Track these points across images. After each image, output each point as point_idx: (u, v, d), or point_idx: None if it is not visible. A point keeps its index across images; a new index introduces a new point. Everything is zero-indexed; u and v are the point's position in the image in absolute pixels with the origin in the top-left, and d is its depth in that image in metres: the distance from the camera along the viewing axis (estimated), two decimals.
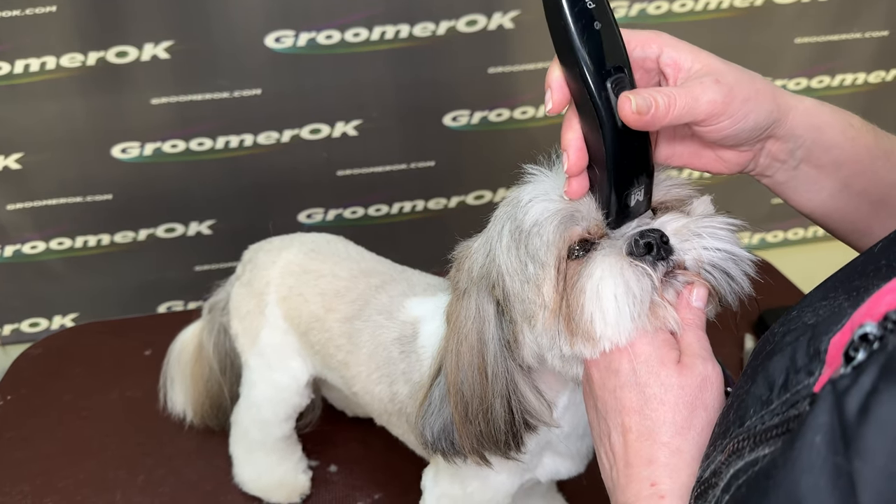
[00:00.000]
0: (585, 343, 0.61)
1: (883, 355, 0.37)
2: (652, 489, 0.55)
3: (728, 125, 0.59)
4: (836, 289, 0.54)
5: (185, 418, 1.15)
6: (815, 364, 0.46)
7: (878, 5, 1.86)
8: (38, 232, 1.80)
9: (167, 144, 1.73)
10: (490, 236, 0.68)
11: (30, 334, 1.90)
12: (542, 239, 0.62)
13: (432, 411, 0.73)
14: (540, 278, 0.63)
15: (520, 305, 0.65)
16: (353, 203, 1.89)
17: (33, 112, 1.66)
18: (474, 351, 0.68)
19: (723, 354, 0.76)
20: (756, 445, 0.46)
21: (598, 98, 0.58)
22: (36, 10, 1.55)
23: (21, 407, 1.25)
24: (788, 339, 0.50)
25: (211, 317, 1.10)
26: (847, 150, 0.64)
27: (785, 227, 2.16)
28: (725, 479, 0.48)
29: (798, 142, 0.63)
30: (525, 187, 0.66)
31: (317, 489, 1.11)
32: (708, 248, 0.62)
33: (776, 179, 0.67)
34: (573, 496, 1.05)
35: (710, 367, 0.58)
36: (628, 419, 0.58)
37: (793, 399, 0.46)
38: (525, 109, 1.83)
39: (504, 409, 0.68)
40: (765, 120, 0.60)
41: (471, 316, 0.68)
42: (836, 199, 0.66)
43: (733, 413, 0.52)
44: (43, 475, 1.13)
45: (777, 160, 0.65)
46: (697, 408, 0.56)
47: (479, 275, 0.68)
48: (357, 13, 1.66)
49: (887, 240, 0.54)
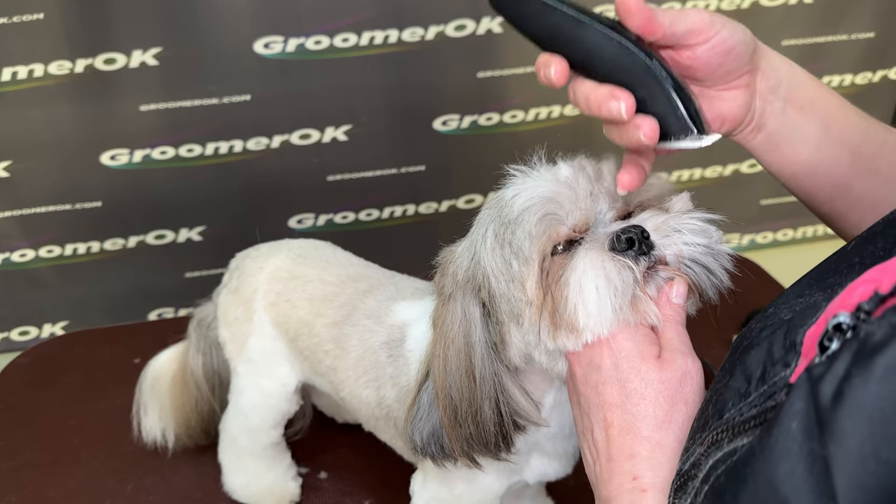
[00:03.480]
0: (569, 335, 0.61)
1: (855, 342, 0.37)
2: (634, 483, 0.56)
3: (716, 42, 0.61)
4: (811, 286, 0.55)
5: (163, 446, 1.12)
6: (791, 356, 0.46)
7: (864, 7, 1.87)
8: (27, 240, 1.79)
9: (156, 151, 1.73)
10: (474, 239, 0.68)
11: (19, 343, 1.90)
12: (525, 231, 0.63)
13: (421, 416, 0.73)
14: (524, 275, 0.63)
15: (506, 305, 0.65)
16: (344, 208, 1.89)
17: (21, 119, 1.65)
18: (461, 354, 0.68)
19: (710, 355, 0.76)
20: (734, 436, 0.47)
21: (601, 28, 0.58)
22: (23, 18, 1.55)
23: (10, 416, 1.25)
24: (765, 333, 0.50)
25: (198, 334, 1.08)
26: (817, 86, 0.68)
27: (774, 227, 2.17)
28: (705, 469, 0.48)
29: (778, 76, 0.66)
30: (509, 186, 0.67)
31: (307, 496, 1.11)
32: (688, 244, 0.63)
33: (770, 130, 0.68)
34: (562, 498, 1.05)
35: (690, 361, 0.59)
36: (610, 414, 0.58)
37: (770, 391, 0.47)
38: (514, 113, 1.83)
39: (493, 410, 0.69)
40: (743, 45, 0.63)
41: (457, 320, 0.68)
42: (822, 149, 0.68)
43: (712, 407, 0.52)
44: (32, 484, 1.12)
45: (767, 102, 0.67)
46: (678, 402, 0.57)
47: (464, 278, 0.68)
48: (346, 18, 1.66)
49: (860, 238, 0.55)
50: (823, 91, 0.69)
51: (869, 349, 0.36)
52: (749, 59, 0.64)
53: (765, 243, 2.19)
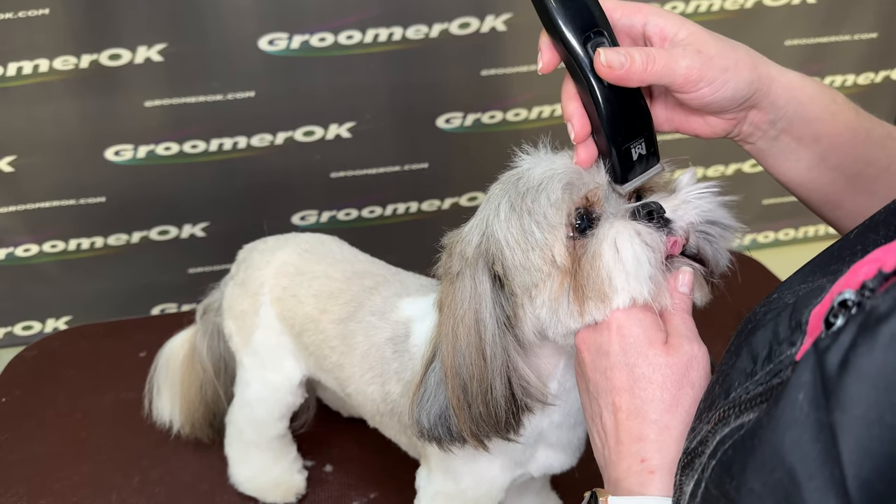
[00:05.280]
0: (599, 305, 0.62)
1: (861, 315, 0.38)
2: (642, 465, 0.57)
3: (707, 92, 0.61)
4: (814, 272, 0.56)
5: (171, 427, 1.13)
6: (796, 335, 0.47)
7: (866, 8, 1.88)
8: (31, 235, 1.80)
9: (160, 147, 1.74)
10: (485, 215, 0.68)
11: (23, 338, 1.90)
12: (549, 199, 0.64)
13: (428, 397, 0.72)
14: (550, 242, 0.64)
15: (521, 277, 0.65)
16: (347, 205, 1.89)
17: (26, 115, 1.66)
18: (471, 331, 0.68)
19: (713, 353, 0.77)
20: (741, 413, 0.48)
21: (581, 60, 0.61)
22: (29, 13, 1.55)
23: (16, 409, 1.25)
24: (770, 316, 0.51)
25: (205, 319, 1.09)
26: (827, 124, 0.66)
27: (776, 227, 2.18)
28: (712, 446, 0.49)
29: (779, 113, 0.65)
30: (522, 161, 0.68)
31: (312, 489, 1.11)
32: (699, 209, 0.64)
33: (757, 147, 0.69)
34: (567, 493, 1.06)
35: (696, 346, 0.60)
36: (619, 398, 0.59)
37: (776, 369, 0.48)
38: (518, 111, 1.84)
39: (505, 386, 0.69)
40: (744, 89, 0.62)
41: (466, 297, 0.68)
42: (813, 171, 0.68)
43: (718, 387, 0.53)
44: (38, 477, 1.13)
45: (759, 129, 0.67)
46: (684, 385, 0.58)
47: (474, 254, 0.68)
48: (350, 16, 1.67)
49: (862, 226, 0.55)
50: (834, 127, 0.67)
51: (874, 319, 0.37)
52: (744, 101, 0.64)
53: (766, 243, 2.20)
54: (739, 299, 0.69)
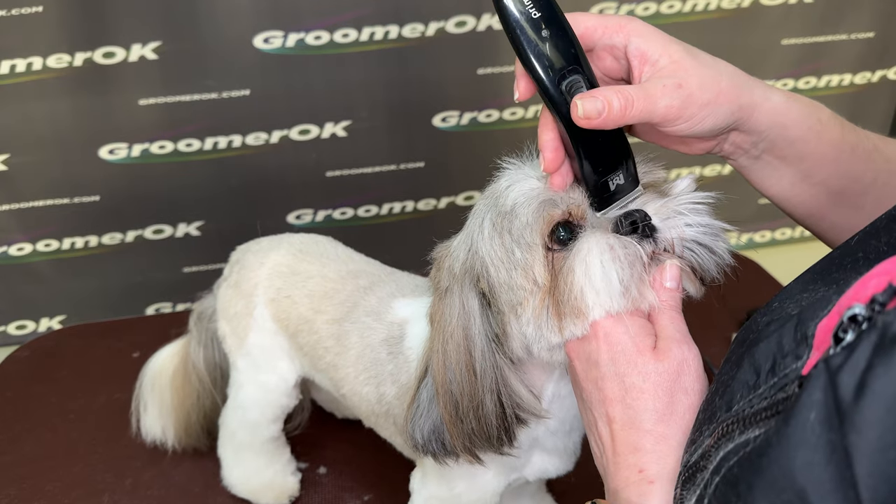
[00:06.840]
0: (575, 321, 0.61)
1: (874, 333, 0.37)
2: (640, 475, 0.56)
3: (685, 128, 0.61)
4: (815, 281, 0.55)
5: (162, 444, 1.11)
6: (802, 348, 0.46)
7: (863, 7, 1.87)
8: (24, 233, 1.79)
9: (155, 145, 1.73)
10: (470, 231, 0.68)
11: (16, 337, 1.89)
12: (522, 221, 0.63)
13: (421, 413, 0.72)
14: (529, 261, 0.63)
15: (506, 295, 0.65)
16: (343, 204, 1.89)
17: (19, 113, 1.65)
18: (461, 349, 0.68)
19: (710, 353, 0.76)
20: (746, 428, 0.47)
21: (555, 99, 0.60)
22: (22, 11, 1.54)
23: (8, 410, 1.25)
24: (773, 327, 0.51)
25: (199, 327, 1.08)
26: (811, 144, 0.66)
27: (772, 226, 2.18)
28: (715, 461, 0.48)
29: (761, 136, 0.65)
30: (502, 177, 0.67)
31: (306, 491, 1.11)
32: (690, 224, 0.63)
33: (739, 163, 0.68)
34: (562, 495, 1.05)
35: (686, 349, 0.59)
36: (612, 409, 0.59)
37: (781, 382, 0.47)
38: (514, 110, 1.83)
39: (495, 403, 0.68)
40: (723, 122, 0.62)
41: (455, 313, 0.68)
42: (797, 188, 0.68)
43: (719, 398, 0.53)
44: (30, 478, 1.12)
45: (740, 149, 0.67)
46: (677, 392, 0.57)
47: (461, 270, 0.68)
48: (346, 14, 1.66)
49: (863, 233, 0.55)
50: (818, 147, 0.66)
51: (889, 339, 0.36)
52: (724, 129, 0.63)
53: (763, 242, 2.20)
54: (736, 300, 0.69)
